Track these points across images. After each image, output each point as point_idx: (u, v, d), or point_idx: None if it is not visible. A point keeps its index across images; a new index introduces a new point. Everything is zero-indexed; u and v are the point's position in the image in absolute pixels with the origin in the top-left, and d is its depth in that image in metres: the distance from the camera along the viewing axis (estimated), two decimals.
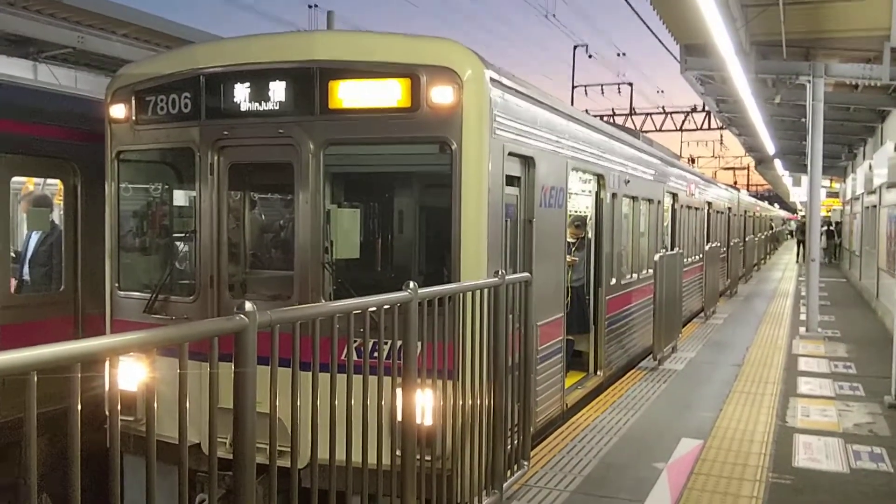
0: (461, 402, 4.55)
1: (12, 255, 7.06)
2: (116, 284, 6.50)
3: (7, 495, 6.19)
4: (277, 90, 5.74)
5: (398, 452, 4.04)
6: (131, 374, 4.89)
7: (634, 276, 10.65)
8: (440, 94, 5.38)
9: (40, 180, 8.41)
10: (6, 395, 6.19)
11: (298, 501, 3.28)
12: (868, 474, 6.03)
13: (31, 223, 7.37)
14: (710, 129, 37.70)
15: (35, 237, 7.41)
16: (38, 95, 8.21)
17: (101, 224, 6.59)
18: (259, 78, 5.79)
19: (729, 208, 22.90)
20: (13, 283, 7.01)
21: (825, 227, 34.02)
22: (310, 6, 18.24)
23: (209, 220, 5.99)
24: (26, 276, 7.35)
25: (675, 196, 13.82)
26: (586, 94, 36.37)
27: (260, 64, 5.84)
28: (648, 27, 14.48)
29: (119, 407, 2.53)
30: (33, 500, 2.11)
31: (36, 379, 2.06)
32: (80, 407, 2.23)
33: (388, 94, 5.49)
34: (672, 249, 12.72)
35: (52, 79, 12.14)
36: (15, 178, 7.12)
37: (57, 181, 7.64)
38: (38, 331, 6.57)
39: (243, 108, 5.83)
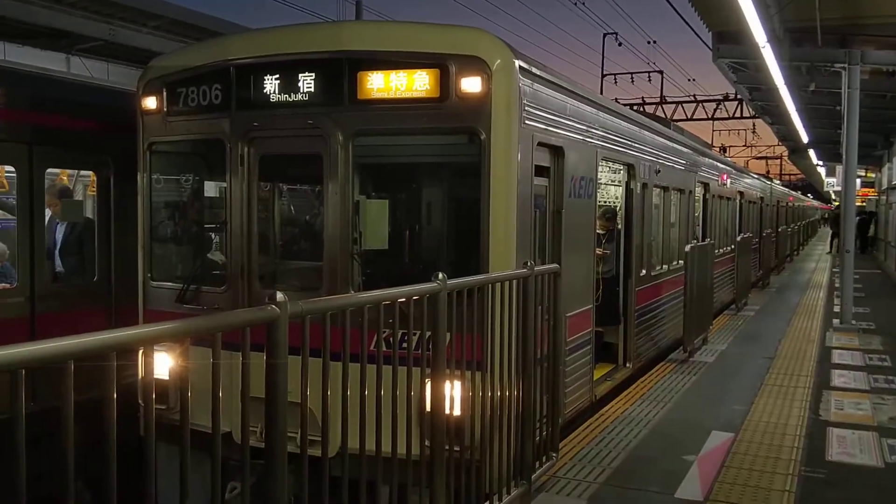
0: (490, 394, 4.55)
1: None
2: (149, 275, 6.58)
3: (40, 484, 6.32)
4: (307, 81, 5.76)
5: (427, 443, 4.05)
6: (163, 363, 4.96)
7: (665, 267, 10.55)
8: (469, 84, 5.37)
9: (73, 172, 8.53)
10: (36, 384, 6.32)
11: (329, 490, 3.30)
12: None
13: (64, 214, 7.48)
14: (742, 117, 37.35)
15: (63, 228, 7.51)
16: (70, 87, 8.33)
17: (134, 215, 6.67)
18: (288, 69, 5.81)
19: (761, 198, 22.59)
20: (48, 273, 7.13)
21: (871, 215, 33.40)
22: None
23: (240, 211, 6.04)
24: (60, 267, 7.47)
25: (706, 186, 13.66)
26: (616, 82, 36.26)
27: (289, 55, 5.86)
28: (679, 14, 14.28)
29: (154, 395, 2.56)
30: (70, 487, 2.14)
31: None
32: (115, 395, 2.27)
33: (417, 83, 5.48)
34: (703, 240, 12.58)
35: (85, 71, 12.32)
36: (49, 170, 7.24)
37: (90, 173, 7.76)
38: (74, 320, 6.68)
39: (273, 99, 5.86)
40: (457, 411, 4.41)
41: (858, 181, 27.31)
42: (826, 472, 5.81)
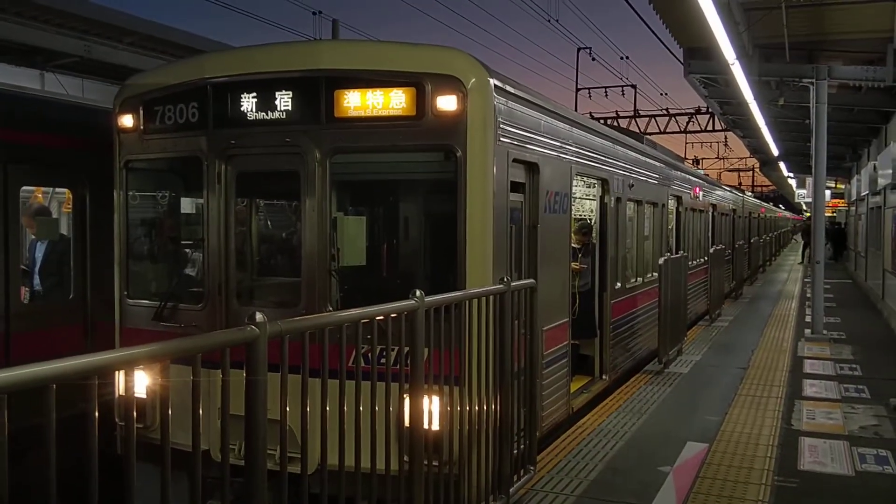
0: (468, 408, 4.60)
1: (23, 267, 7.13)
2: (125, 292, 6.56)
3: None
4: (284, 99, 5.80)
5: (406, 458, 4.08)
6: (141, 382, 4.94)
7: (639, 279, 10.67)
8: (445, 102, 5.44)
9: (48, 190, 8.49)
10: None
11: None
12: (873, 477, 6.05)
13: (39, 232, 7.44)
14: (714, 130, 37.86)
15: (40, 246, 7.47)
16: (44, 105, 8.30)
17: (110, 232, 6.65)
18: (266, 87, 5.85)
19: (734, 210, 22.90)
20: (24, 291, 7.08)
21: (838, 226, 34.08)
22: (314, 13, 18.34)
23: (217, 228, 6.05)
24: (36, 286, 7.42)
25: (679, 199, 13.85)
26: (590, 96, 36.54)
27: (266, 73, 5.91)
28: (652, 30, 14.50)
29: (135, 414, 2.58)
30: None
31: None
32: (97, 414, 2.29)
33: (393, 102, 5.55)
34: (677, 253, 12.74)
35: (60, 88, 12.24)
36: (24, 188, 7.20)
37: (65, 190, 7.72)
38: (49, 339, 6.64)
39: (250, 117, 5.90)
40: (435, 426, 4.46)
41: (828, 192, 27.80)
42: (798, 481, 5.92)
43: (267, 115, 5.85)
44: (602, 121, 25.98)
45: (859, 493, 5.73)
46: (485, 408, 4.78)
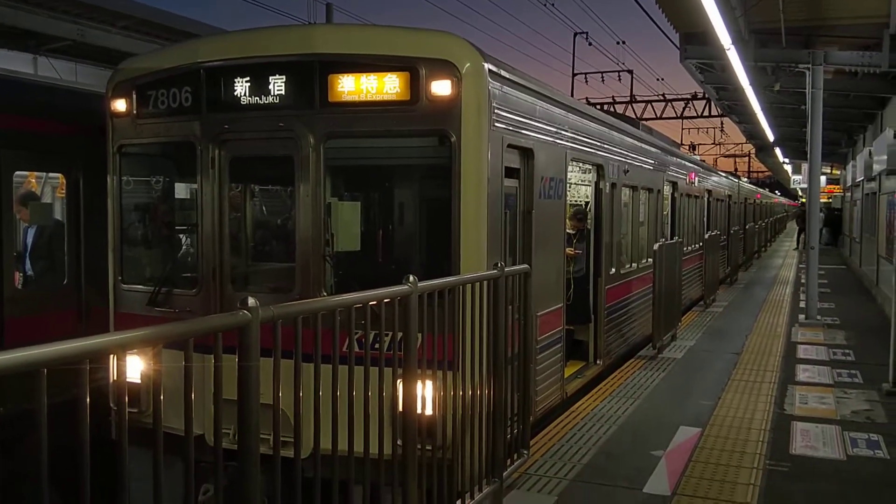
0: (461, 393, 4.61)
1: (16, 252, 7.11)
2: (119, 278, 6.55)
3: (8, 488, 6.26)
4: (278, 84, 5.78)
5: (399, 442, 4.10)
6: (135, 366, 4.95)
7: (634, 265, 10.69)
8: (439, 87, 5.42)
9: (41, 175, 8.45)
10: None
11: (301, 491, 3.34)
12: (864, 461, 6.09)
13: (32, 218, 7.41)
14: (710, 116, 37.85)
15: (32, 231, 7.45)
16: (37, 89, 8.26)
17: (104, 218, 6.64)
18: (259, 72, 5.82)
19: (729, 196, 22.91)
20: (17, 276, 7.07)
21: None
22: None
23: (211, 213, 6.04)
24: (30, 271, 7.40)
25: (674, 185, 13.85)
26: (586, 81, 36.47)
27: (260, 58, 5.88)
28: (648, 15, 14.41)
29: (127, 399, 2.59)
30: (45, 494, 2.17)
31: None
32: (88, 400, 2.29)
33: (387, 87, 5.53)
34: (672, 238, 12.76)
35: (53, 72, 12.17)
36: (17, 172, 7.17)
37: (59, 175, 7.69)
38: (43, 325, 6.63)
39: (244, 101, 5.87)
40: (429, 411, 4.47)
41: (824, 178, 27.85)
42: (790, 465, 5.96)
43: (261, 99, 5.83)
44: (598, 106, 25.94)
45: (850, 477, 5.77)
46: (478, 392, 4.79)
